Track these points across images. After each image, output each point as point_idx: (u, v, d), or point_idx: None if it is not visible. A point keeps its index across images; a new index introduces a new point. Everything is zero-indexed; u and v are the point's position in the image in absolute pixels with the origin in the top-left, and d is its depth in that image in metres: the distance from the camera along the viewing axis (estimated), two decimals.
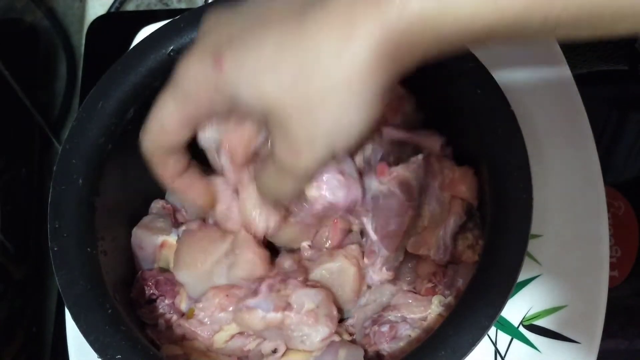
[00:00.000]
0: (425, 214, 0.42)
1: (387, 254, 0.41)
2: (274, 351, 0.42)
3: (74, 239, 0.38)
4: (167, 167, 0.37)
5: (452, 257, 0.43)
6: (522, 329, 0.46)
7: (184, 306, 0.44)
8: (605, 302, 0.46)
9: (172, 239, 0.45)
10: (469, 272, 0.40)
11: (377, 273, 0.43)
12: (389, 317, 0.43)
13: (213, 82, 0.31)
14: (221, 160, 0.40)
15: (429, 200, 0.42)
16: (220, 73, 0.30)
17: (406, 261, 0.44)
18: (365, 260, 0.42)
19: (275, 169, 0.32)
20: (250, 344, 0.42)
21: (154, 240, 0.45)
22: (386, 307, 0.44)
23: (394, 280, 0.44)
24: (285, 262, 0.43)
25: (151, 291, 0.43)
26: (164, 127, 0.34)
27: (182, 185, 0.38)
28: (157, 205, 0.48)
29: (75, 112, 0.72)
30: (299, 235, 0.44)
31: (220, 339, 0.42)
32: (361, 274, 0.43)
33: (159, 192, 0.47)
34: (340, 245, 0.44)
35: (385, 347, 0.42)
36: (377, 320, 0.43)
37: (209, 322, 0.42)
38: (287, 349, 0.42)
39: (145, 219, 0.46)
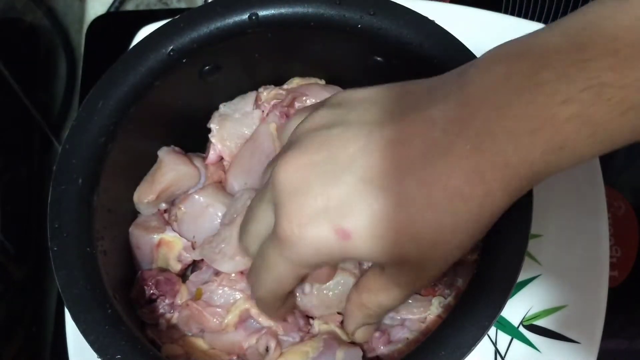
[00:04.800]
0: None
1: None
2: (267, 349, 0.42)
3: (74, 239, 0.38)
4: (279, 307, 0.38)
5: None
6: (522, 329, 0.46)
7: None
8: (605, 302, 0.46)
9: (169, 236, 0.45)
10: (469, 272, 0.40)
11: None
12: (385, 321, 0.42)
13: (337, 249, 0.31)
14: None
15: None
16: (347, 242, 0.30)
17: None
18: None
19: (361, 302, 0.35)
20: (250, 340, 0.42)
21: (150, 240, 0.45)
22: None
23: None
24: None
25: (151, 291, 0.43)
26: (281, 284, 0.35)
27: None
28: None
29: (75, 112, 0.72)
30: None
31: (231, 322, 0.42)
32: None
33: None
34: None
35: (384, 350, 0.42)
36: None
37: (218, 302, 0.42)
38: (283, 352, 0.42)
39: (139, 218, 0.46)
